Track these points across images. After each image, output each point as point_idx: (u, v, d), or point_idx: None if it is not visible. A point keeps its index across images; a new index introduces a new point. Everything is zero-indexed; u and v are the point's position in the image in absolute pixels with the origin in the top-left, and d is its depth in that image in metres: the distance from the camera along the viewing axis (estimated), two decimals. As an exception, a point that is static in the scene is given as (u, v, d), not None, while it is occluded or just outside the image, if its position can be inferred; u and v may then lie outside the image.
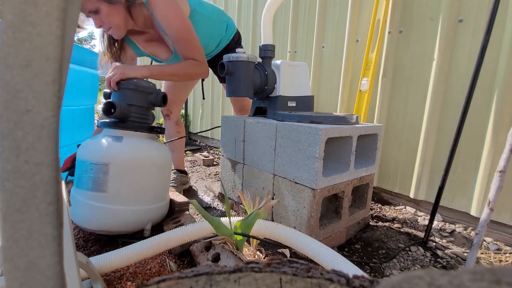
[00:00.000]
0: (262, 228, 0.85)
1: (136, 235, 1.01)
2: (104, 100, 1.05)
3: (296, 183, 1.03)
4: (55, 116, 0.21)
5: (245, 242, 0.88)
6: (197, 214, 1.34)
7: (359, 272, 0.67)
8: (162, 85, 1.62)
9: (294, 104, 1.30)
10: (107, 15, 1.06)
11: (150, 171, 1.00)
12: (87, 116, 1.98)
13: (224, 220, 0.85)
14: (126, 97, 1.02)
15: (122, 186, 0.96)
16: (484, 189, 1.18)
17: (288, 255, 1.00)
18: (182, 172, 1.67)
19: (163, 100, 1.07)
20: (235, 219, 0.84)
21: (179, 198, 1.20)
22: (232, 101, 1.70)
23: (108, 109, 0.98)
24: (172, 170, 1.69)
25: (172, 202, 1.17)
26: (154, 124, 1.11)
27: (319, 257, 0.73)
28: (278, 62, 1.26)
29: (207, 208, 1.45)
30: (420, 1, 1.37)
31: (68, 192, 1.02)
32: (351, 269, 0.68)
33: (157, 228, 1.07)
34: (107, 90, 1.06)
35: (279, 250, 1.03)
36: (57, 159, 0.21)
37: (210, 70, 1.65)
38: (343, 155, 1.09)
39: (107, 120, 1.02)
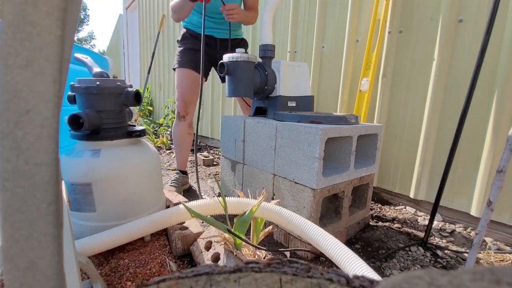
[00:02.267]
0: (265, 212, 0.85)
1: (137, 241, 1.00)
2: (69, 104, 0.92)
3: (296, 183, 1.03)
4: (55, 116, 0.21)
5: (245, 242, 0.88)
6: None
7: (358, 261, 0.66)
8: (176, 87, 1.59)
9: (294, 104, 1.30)
10: None
11: (137, 180, 0.93)
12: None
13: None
14: (92, 103, 0.89)
15: (110, 202, 0.89)
16: (484, 189, 1.18)
17: (288, 255, 1.00)
18: (184, 172, 1.68)
19: (135, 98, 0.94)
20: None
21: (177, 198, 1.20)
22: (239, 100, 1.72)
23: (76, 122, 0.84)
24: (174, 170, 1.69)
25: (169, 202, 1.16)
26: (140, 124, 1.04)
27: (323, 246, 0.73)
28: (278, 62, 1.26)
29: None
30: (420, 1, 1.37)
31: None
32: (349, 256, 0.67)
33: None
34: (71, 93, 0.93)
35: (279, 250, 1.03)
36: (57, 159, 0.21)
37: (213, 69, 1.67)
38: (343, 155, 1.09)
39: (79, 133, 0.90)
